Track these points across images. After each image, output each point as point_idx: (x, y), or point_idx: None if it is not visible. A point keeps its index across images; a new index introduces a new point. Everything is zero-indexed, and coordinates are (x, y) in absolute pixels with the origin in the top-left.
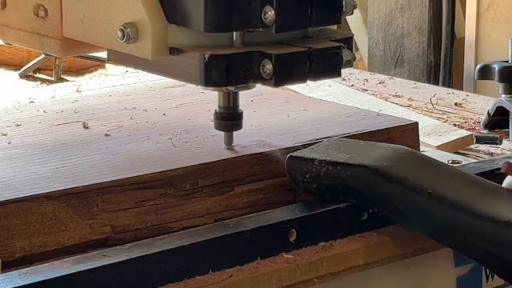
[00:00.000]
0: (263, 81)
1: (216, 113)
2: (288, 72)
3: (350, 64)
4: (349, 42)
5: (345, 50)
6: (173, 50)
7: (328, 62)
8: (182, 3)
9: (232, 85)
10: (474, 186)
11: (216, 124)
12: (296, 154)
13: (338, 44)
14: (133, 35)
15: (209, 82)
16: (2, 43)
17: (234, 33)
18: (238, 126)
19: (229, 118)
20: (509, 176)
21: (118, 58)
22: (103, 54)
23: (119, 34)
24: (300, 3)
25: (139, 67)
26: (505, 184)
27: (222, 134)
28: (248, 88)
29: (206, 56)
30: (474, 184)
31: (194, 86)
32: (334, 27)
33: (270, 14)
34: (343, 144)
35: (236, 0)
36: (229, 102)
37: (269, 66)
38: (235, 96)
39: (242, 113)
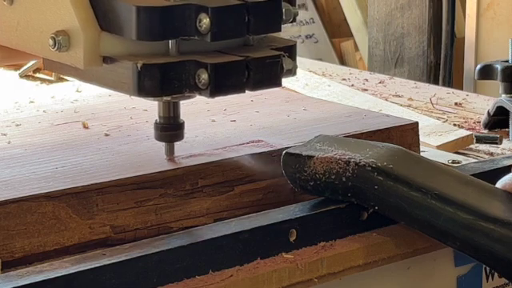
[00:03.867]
0: (199, 91)
1: (156, 123)
2: (225, 82)
3: (291, 73)
4: (291, 50)
5: (285, 59)
6: (106, 59)
7: (267, 72)
8: (114, 10)
9: (166, 95)
10: (476, 188)
11: (156, 135)
12: (291, 150)
13: (277, 53)
14: (64, 43)
15: (142, 91)
16: None
17: (170, 41)
18: (179, 136)
19: (169, 129)
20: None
21: (53, 66)
22: None
23: (50, 42)
24: (236, 11)
25: (74, 76)
26: (499, 184)
27: (221, 133)
28: (186, 98)
29: (139, 65)
30: (475, 185)
31: None
32: (278, 35)
33: (204, 21)
34: (335, 141)
35: (170, 7)
36: (169, 112)
37: (204, 76)
38: (176, 106)
39: (183, 123)
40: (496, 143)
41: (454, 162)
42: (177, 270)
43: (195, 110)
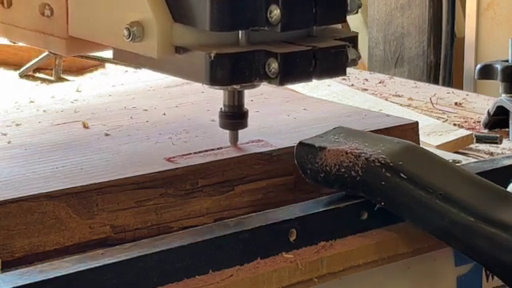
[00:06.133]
0: (269, 79)
1: (221, 111)
2: (293, 71)
3: (355, 63)
4: (354, 40)
5: (350, 49)
6: (178, 49)
7: (333, 61)
8: (188, 2)
9: (237, 83)
10: (484, 190)
11: (221, 123)
12: (306, 141)
13: (342, 43)
14: (138, 34)
15: (214, 80)
16: (3, 42)
17: (240, 32)
18: (243, 124)
19: (234, 117)
20: None
21: (123, 56)
22: (104, 54)
23: (125, 32)
24: (305, 2)
25: (145, 66)
26: (510, 188)
27: (221, 133)
28: (253, 87)
29: (212, 55)
30: (484, 187)
31: (194, 85)
32: (339, 26)
33: (275, 12)
34: (351, 134)
35: None
36: (234, 101)
37: (274, 65)
38: (240, 95)
39: (247, 111)
40: (496, 143)
41: (454, 161)
42: (177, 269)
43: (195, 109)
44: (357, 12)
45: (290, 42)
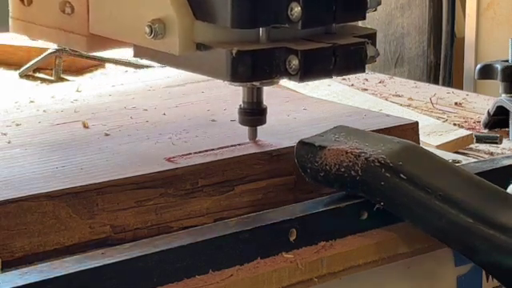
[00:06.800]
0: (289, 76)
1: (240, 108)
2: (313, 67)
3: (373, 60)
4: (373, 37)
5: (369, 46)
6: (200, 46)
7: (352, 58)
8: (209, 0)
9: (258, 80)
10: (484, 191)
11: (240, 119)
12: (306, 140)
13: (362, 40)
14: (160, 31)
15: (235, 77)
16: (2, 42)
17: (260, 29)
18: (262, 121)
19: (253, 114)
20: None
21: (144, 53)
22: (106, 54)
23: (147, 30)
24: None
25: (165, 63)
26: (510, 189)
27: (221, 133)
28: (273, 83)
29: (233, 52)
30: (483, 188)
31: (194, 85)
32: (357, 23)
33: (296, 10)
34: (351, 133)
35: None
36: (253, 98)
37: (295, 62)
38: (259, 91)
39: (266, 108)
40: (496, 143)
41: (454, 161)
42: (177, 269)
43: (195, 109)
44: (375, 9)
45: (310, 39)
